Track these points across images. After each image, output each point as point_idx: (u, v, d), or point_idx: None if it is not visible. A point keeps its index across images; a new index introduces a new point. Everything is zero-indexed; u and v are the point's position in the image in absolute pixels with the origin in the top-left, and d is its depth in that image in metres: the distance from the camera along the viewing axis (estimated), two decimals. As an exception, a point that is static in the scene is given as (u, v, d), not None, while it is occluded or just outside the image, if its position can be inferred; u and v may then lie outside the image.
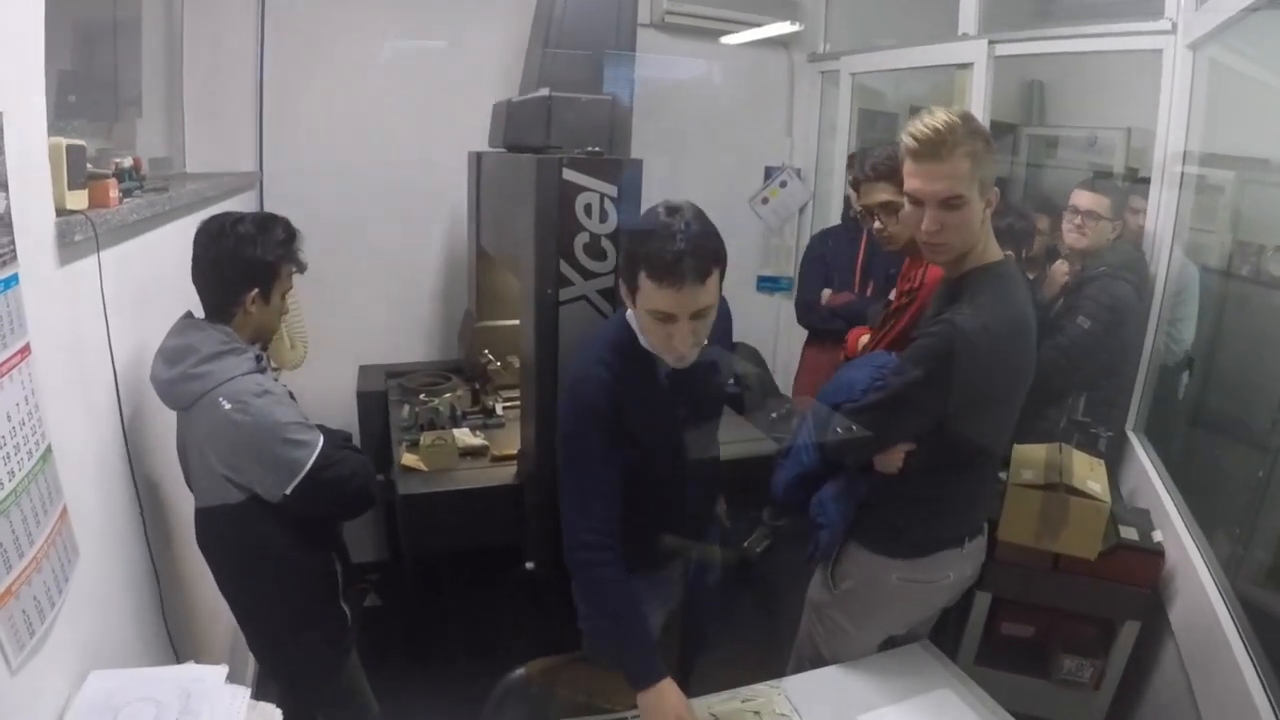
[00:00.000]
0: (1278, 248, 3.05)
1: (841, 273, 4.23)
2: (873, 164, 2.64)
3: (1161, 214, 3.28)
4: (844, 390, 2.36)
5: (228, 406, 2.12)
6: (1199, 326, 3.29)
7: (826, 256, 4.28)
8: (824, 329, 4.21)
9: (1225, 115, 3.07)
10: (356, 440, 3.02)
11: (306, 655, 2.46)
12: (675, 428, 2.26)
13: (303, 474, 2.18)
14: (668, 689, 2.01)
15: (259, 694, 1.73)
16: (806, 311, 4.30)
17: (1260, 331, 3.20)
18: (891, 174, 2.61)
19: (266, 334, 2.38)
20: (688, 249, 1.88)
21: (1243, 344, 3.23)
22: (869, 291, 4.17)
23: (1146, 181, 3.33)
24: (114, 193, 2.11)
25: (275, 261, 2.27)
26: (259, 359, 2.26)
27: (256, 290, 2.25)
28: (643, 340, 2.10)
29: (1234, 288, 3.23)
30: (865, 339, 3.01)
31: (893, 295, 2.87)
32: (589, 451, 2.10)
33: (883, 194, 2.62)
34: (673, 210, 1.96)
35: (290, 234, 2.32)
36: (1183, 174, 3.18)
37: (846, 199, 4.38)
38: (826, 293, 4.21)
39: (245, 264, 2.23)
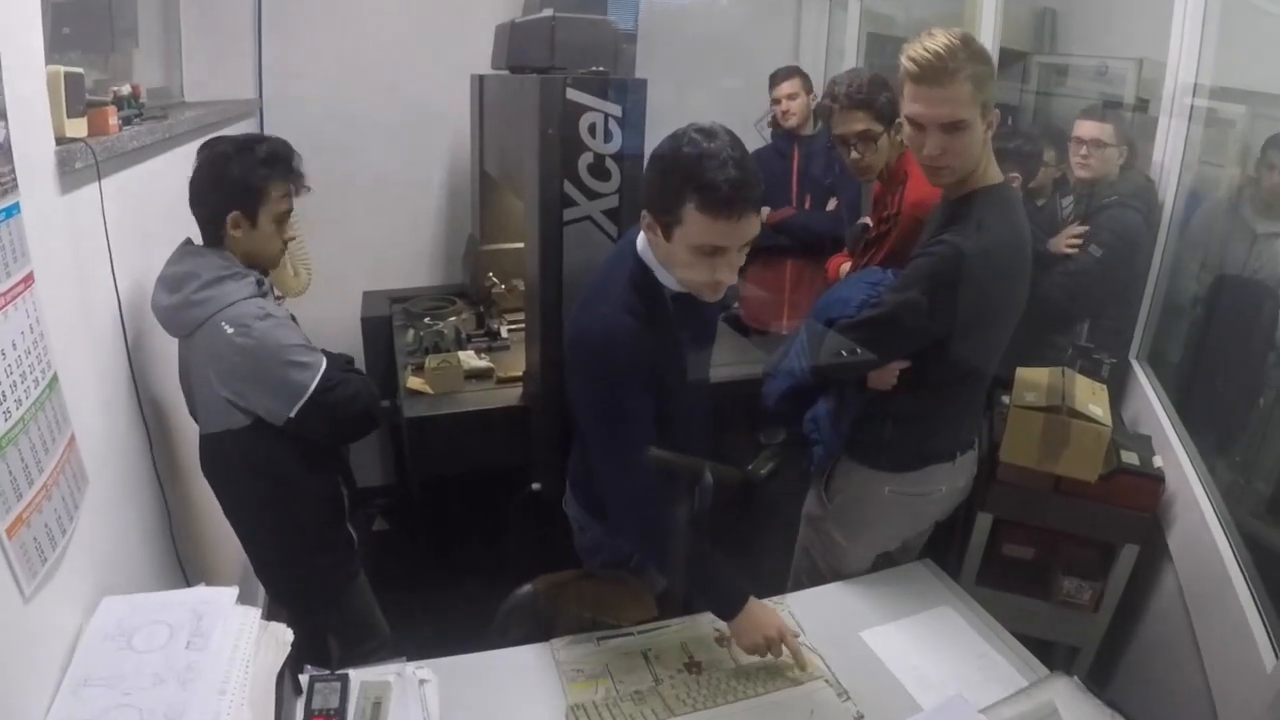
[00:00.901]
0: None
1: (777, 190, 4.27)
2: (847, 92, 2.61)
3: (1170, 146, 3.23)
4: (838, 306, 2.36)
5: (230, 331, 2.12)
6: (1205, 260, 3.23)
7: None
8: (768, 246, 4.20)
9: (1239, 48, 3.01)
10: (361, 365, 3.03)
11: (313, 579, 2.50)
12: (694, 364, 2.18)
13: (306, 396, 2.19)
14: (755, 608, 2.00)
15: (269, 620, 1.75)
16: None
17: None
18: (867, 103, 2.59)
19: (264, 259, 2.32)
20: (742, 176, 1.72)
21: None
22: (807, 205, 4.24)
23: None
24: (113, 120, 2.10)
25: (256, 182, 2.21)
26: (260, 283, 2.24)
27: (238, 212, 2.21)
28: (662, 277, 1.95)
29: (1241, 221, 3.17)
30: (846, 266, 3.01)
31: (869, 221, 2.86)
32: (628, 408, 1.94)
33: (858, 123, 2.60)
34: (710, 135, 1.77)
35: (276, 154, 2.24)
36: (1193, 106, 3.12)
37: (773, 117, 4.39)
38: (765, 210, 4.17)
39: (225, 185, 2.19)
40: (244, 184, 2.19)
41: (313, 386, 2.20)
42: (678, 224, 1.79)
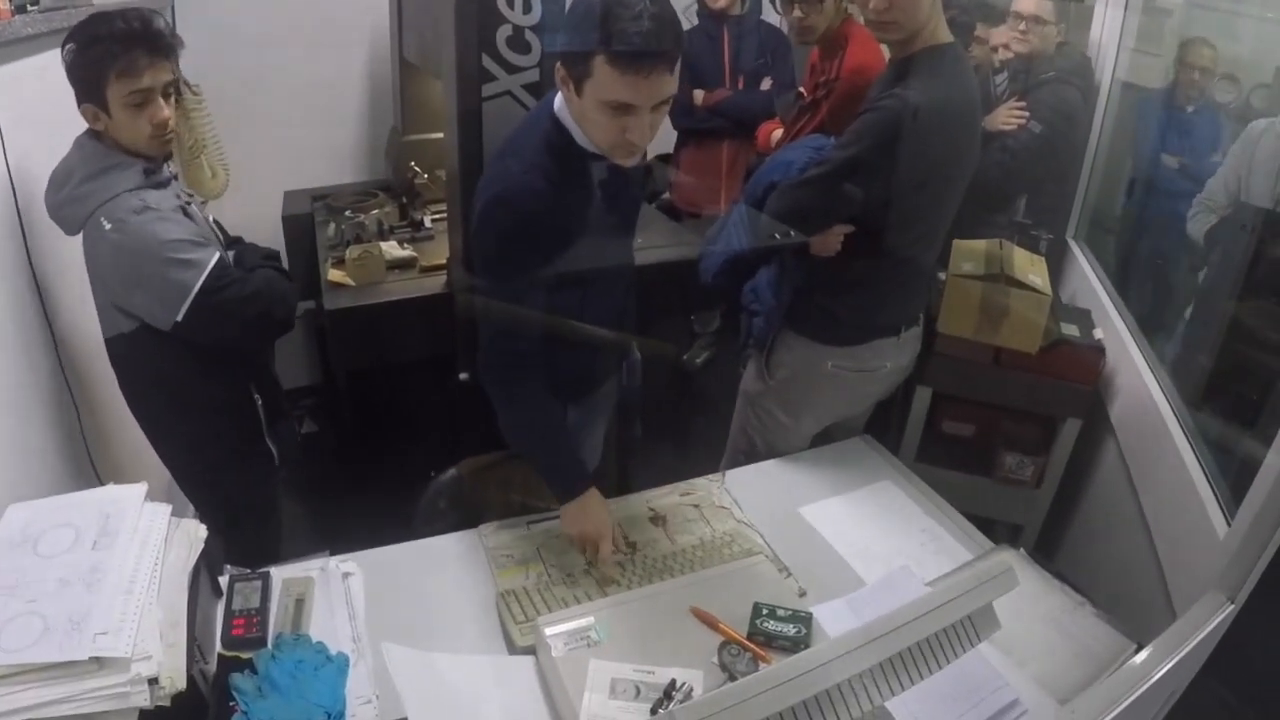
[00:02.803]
0: (1224, 76, 3.01)
1: (709, 72, 4.20)
2: None
3: (1107, 31, 3.24)
4: (780, 170, 2.28)
5: (108, 227, 1.93)
6: (1141, 146, 3.26)
7: (690, 59, 4.15)
8: (702, 128, 4.20)
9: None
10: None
11: (231, 498, 2.37)
12: (612, 235, 2.08)
13: (190, 298, 1.98)
14: (590, 499, 1.96)
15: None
16: (683, 115, 4.18)
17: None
18: None
19: (139, 150, 2.03)
20: (655, 29, 1.61)
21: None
22: (740, 86, 4.18)
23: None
24: (3, 5, 2.00)
25: (84, 71, 1.94)
26: (149, 172, 2.02)
27: (88, 104, 1.97)
28: (578, 138, 1.84)
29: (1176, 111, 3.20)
30: (778, 133, 2.96)
31: (804, 90, 2.81)
32: (523, 273, 1.86)
33: None
34: None
35: (108, 32, 1.92)
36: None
37: None
38: (699, 93, 4.16)
39: (70, 78, 1.96)
40: (76, 74, 1.95)
41: (196, 287, 1.99)
42: (587, 77, 1.69)
